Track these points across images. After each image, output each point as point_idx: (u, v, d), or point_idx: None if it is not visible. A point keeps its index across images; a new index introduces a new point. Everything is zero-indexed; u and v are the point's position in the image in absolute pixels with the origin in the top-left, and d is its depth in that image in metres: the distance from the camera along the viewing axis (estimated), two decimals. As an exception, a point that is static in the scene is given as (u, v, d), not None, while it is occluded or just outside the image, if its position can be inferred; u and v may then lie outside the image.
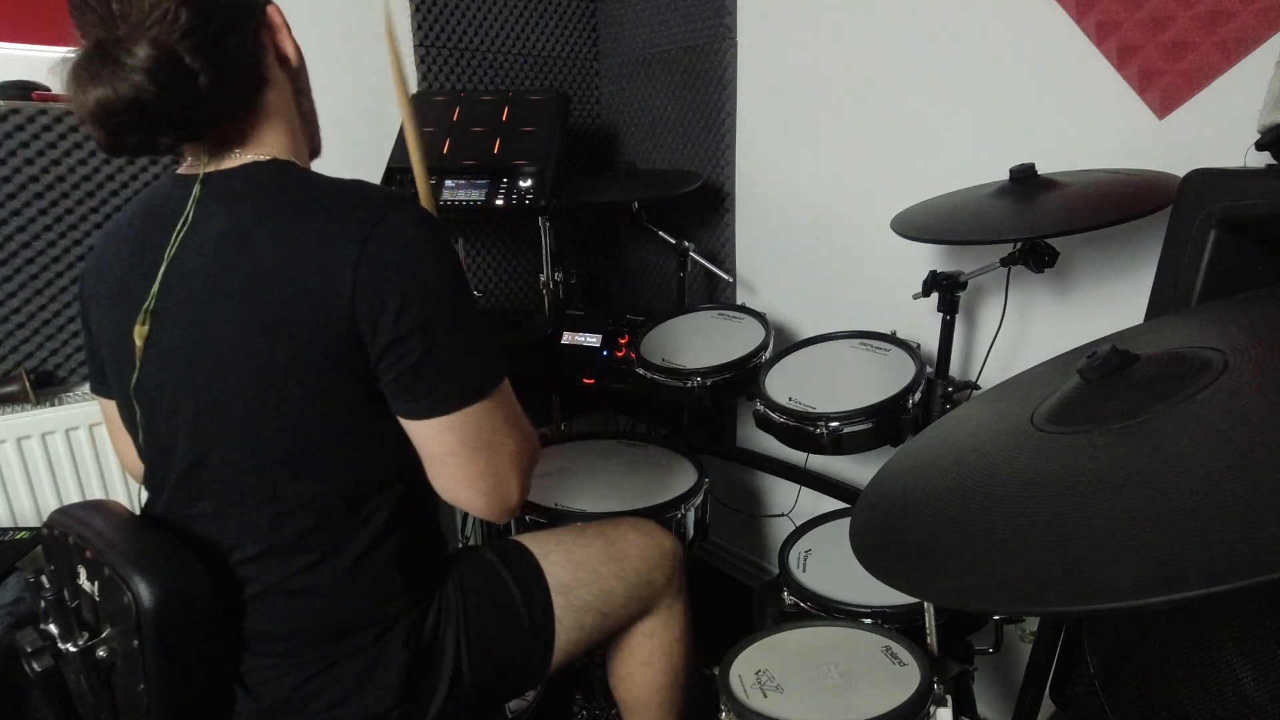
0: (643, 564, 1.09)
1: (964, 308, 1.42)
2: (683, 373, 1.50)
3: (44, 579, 0.88)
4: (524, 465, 0.90)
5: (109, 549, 0.79)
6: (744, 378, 1.49)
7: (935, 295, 1.28)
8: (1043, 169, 1.15)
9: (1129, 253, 1.26)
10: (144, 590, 0.75)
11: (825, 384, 1.38)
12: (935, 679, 0.95)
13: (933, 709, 0.93)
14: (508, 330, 1.82)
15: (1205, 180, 0.85)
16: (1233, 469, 0.47)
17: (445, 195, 1.74)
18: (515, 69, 2.13)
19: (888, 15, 1.52)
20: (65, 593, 0.82)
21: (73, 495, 1.53)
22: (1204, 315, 0.75)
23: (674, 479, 1.52)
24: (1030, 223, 1.09)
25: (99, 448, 1.55)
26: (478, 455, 0.85)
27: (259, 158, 0.83)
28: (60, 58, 0.74)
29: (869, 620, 1.13)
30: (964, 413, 0.83)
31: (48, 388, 1.57)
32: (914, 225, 1.21)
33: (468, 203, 1.73)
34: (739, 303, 1.79)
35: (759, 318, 1.62)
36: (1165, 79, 1.15)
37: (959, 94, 1.44)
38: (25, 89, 1.48)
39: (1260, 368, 0.56)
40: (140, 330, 0.81)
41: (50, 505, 1.50)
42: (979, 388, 1.34)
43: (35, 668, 0.81)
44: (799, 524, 1.43)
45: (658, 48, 2.06)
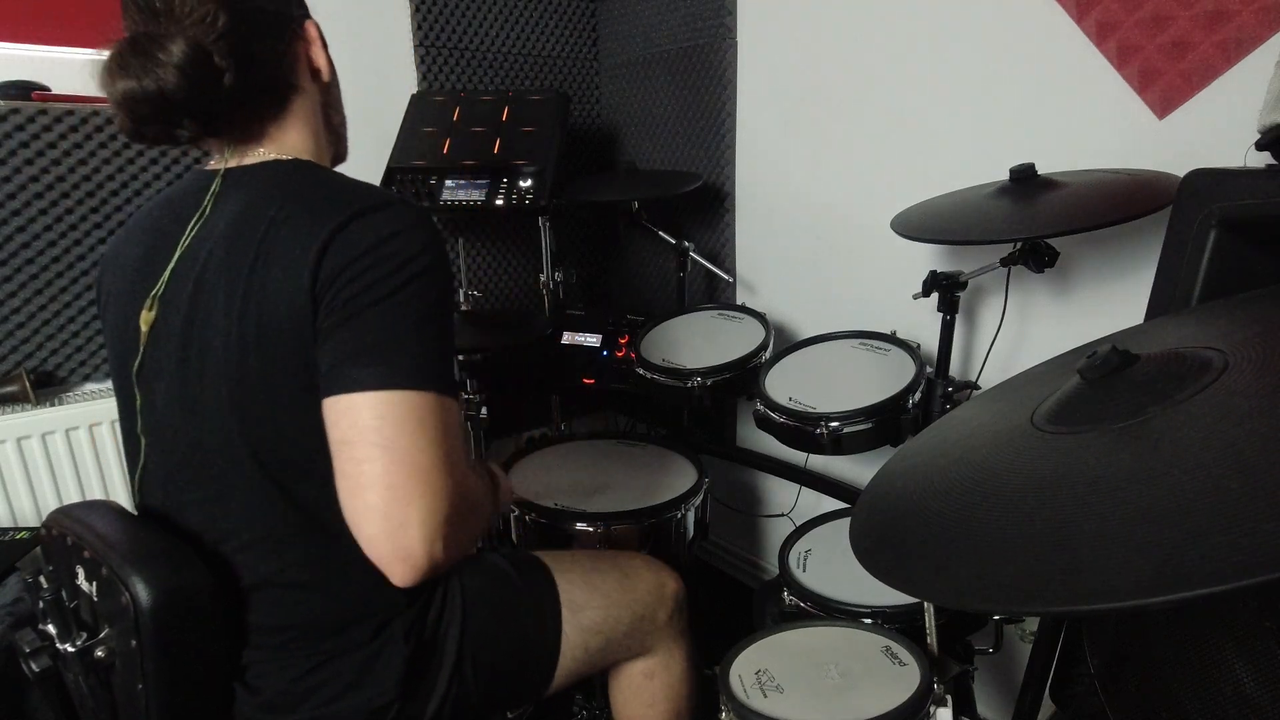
0: (650, 599, 1.09)
1: (964, 308, 1.42)
2: (683, 373, 1.51)
3: (42, 579, 0.88)
4: (439, 512, 0.75)
5: (107, 549, 0.79)
6: (744, 378, 1.49)
7: (935, 295, 1.28)
8: (1043, 169, 1.15)
9: (1129, 253, 1.26)
10: (142, 590, 0.75)
11: (825, 384, 1.38)
12: (935, 679, 0.95)
13: (933, 709, 0.93)
14: (508, 330, 1.82)
15: (1205, 180, 0.85)
16: (1233, 469, 0.47)
17: (445, 195, 1.74)
18: (515, 69, 2.13)
19: (888, 15, 1.52)
20: (63, 593, 0.81)
21: (72, 495, 1.53)
22: (1204, 315, 0.75)
23: (674, 479, 1.52)
24: (1030, 223, 1.09)
25: (99, 448, 1.55)
26: (375, 455, 0.72)
27: (280, 156, 0.86)
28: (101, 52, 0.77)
29: (869, 620, 1.13)
30: (964, 413, 0.83)
31: (48, 388, 1.57)
32: (914, 225, 1.20)
33: (468, 203, 1.73)
34: (739, 303, 1.79)
35: (759, 318, 1.62)
36: (1165, 79, 1.15)
37: (959, 94, 1.44)
38: (25, 89, 1.48)
39: (1260, 368, 0.56)
40: (146, 316, 0.82)
41: (50, 505, 1.50)
42: (979, 388, 1.34)
43: (33, 668, 0.81)
44: (799, 524, 1.43)
45: (658, 48, 2.06)
